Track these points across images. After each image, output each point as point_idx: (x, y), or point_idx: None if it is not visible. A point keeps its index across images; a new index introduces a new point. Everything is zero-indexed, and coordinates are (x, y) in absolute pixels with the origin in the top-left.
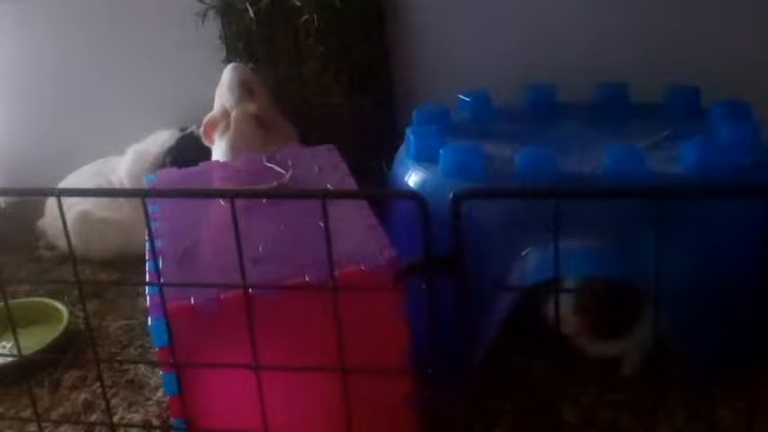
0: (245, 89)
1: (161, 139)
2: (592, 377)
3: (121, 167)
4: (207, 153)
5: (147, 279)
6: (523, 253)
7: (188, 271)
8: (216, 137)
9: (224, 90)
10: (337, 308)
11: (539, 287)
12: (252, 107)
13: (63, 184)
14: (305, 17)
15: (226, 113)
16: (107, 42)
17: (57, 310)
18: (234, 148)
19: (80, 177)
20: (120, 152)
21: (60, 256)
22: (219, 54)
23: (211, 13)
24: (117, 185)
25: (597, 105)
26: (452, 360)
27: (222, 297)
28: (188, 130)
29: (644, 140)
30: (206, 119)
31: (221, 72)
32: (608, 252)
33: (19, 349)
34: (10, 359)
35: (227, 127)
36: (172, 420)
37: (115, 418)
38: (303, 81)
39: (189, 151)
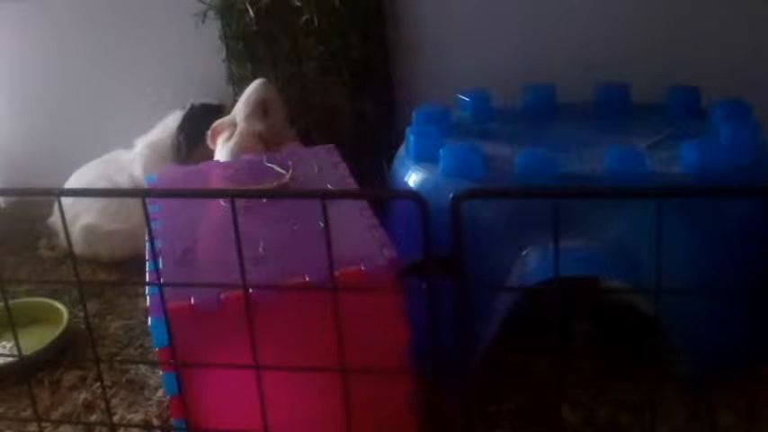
0: (260, 107)
1: (168, 124)
2: (591, 376)
3: (135, 165)
4: (219, 114)
5: (147, 279)
6: (523, 253)
7: (188, 271)
8: (219, 142)
9: (240, 102)
10: (337, 308)
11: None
12: (259, 126)
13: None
14: (305, 17)
15: (234, 124)
16: (107, 42)
17: (57, 310)
18: (232, 159)
19: (84, 180)
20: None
21: (61, 256)
22: (219, 54)
23: (211, 14)
24: (126, 185)
25: (597, 105)
26: (452, 360)
27: (222, 297)
28: (188, 106)
29: (644, 140)
30: (215, 123)
31: (221, 72)
32: (607, 252)
33: (19, 349)
34: (10, 359)
35: (230, 137)
36: (172, 420)
37: (115, 418)
38: (303, 81)
39: (198, 122)
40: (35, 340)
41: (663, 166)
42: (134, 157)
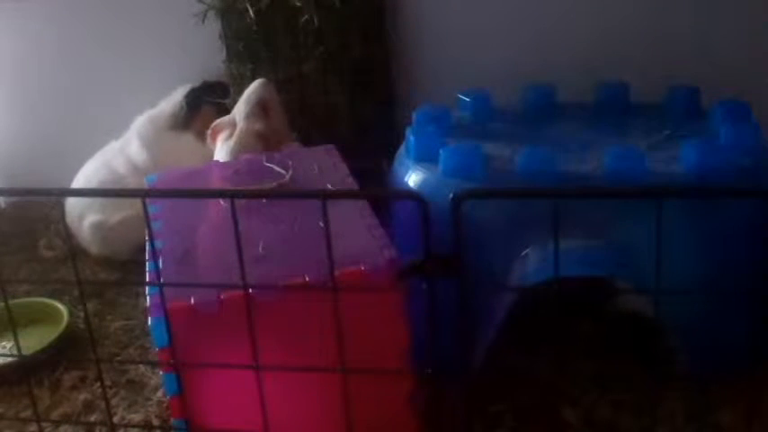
0: (260, 107)
1: (174, 97)
2: (591, 376)
3: (132, 138)
4: (224, 91)
5: (147, 279)
6: (523, 253)
7: (188, 271)
8: (218, 141)
9: (240, 101)
10: (337, 308)
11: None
12: (259, 125)
13: (75, 185)
14: (305, 17)
15: (233, 124)
16: (107, 43)
17: (57, 310)
18: (232, 159)
19: (85, 176)
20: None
21: (61, 256)
22: (220, 54)
23: (211, 14)
24: (124, 167)
25: (597, 105)
26: (452, 360)
27: (222, 297)
28: (201, 83)
29: (644, 140)
30: (214, 122)
31: (221, 72)
32: (608, 252)
33: (19, 349)
34: (10, 359)
35: (230, 136)
36: (172, 420)
37: (115, 418)
38: (303, 81)
39: (204, 92)
40: (35, 340)
41: (663, 166)
42: (130, 135)
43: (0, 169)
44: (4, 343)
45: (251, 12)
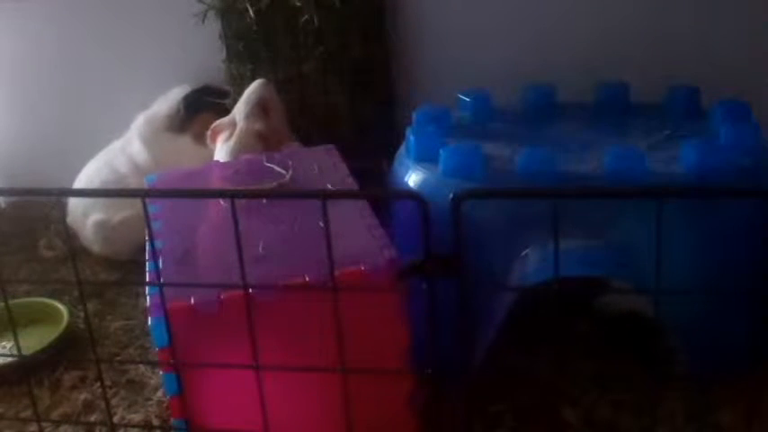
0: (260, 107)
1: (170, 97)
2: (591, 376)
3: (132, 139)
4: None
5: (147, 279)
6: (523, 253)
7: (188, 271)
8: (218, 142)
9: (240, 102)
10: (337, 308)
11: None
12: (259, 125)
13: (77, 184)
14: (305, 17)
15: (233, 124)
16: (107, 43)
17: (57, 310)
18: (232, 159)
19: (87, 176)
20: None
21: (62, 256)
22: (220, 54)
23: (211, 14)
24: (125, 167)
25: (597, 105)
26: (452, 360)
27: (222, 297)
28: (200, 86)
29: (644, 140)
30: (214, 123)
31: (221, 72)
32: (608, 252)
33: (19, 349)
34: (10, 359)
35: (230, 136)
36: (172, 420)
37: (115, 418)
38: (303, 81)
39: (203, 95)
40: (35, 340)
41: (663, 166)
42: (131, 134)
43: (0, 169)
44: (4, 343)
45: (251, 12)
